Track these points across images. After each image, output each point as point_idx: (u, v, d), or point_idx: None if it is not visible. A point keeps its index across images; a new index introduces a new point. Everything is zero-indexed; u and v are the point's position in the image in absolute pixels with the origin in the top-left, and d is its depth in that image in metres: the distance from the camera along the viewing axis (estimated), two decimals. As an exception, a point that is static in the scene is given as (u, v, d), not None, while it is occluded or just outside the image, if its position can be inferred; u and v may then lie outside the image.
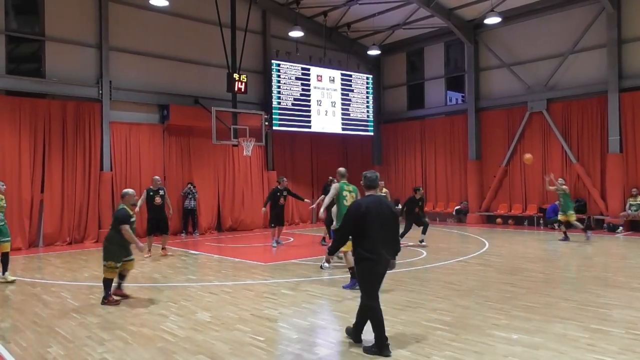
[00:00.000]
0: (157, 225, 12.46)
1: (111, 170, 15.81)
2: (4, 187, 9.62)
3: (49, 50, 14.98)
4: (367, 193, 5.66)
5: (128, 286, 8.87)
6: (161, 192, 12.50)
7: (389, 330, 6.00)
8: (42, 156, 14.59)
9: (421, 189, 14.56)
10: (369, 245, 5.30)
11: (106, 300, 7.51)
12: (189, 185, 16.98)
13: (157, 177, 13.00)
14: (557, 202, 17.17)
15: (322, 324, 6.47)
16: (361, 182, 5.79)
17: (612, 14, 16.20)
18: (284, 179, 14.43)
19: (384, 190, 14.53)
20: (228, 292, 8.27)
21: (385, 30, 21.36)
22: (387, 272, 5.52)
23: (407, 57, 22.88)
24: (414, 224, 13.88)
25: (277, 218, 13.99)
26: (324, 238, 13.82)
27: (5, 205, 9.44)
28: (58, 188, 14.79)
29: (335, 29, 21.60)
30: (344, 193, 8.62)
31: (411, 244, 14.00)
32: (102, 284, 7.68)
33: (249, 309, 7.10)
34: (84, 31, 15.58)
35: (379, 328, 5.22)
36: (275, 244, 13.93)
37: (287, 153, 20.65)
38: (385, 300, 7.52)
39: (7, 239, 9.34)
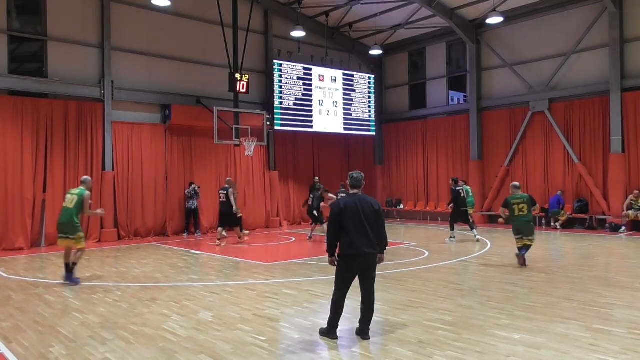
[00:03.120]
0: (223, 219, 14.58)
1: (113, 170, 15.83)
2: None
3: (51, 50, 15.00)
4: (351, 192, 5.93)
5: (130, 286, 8.89)
6: (222, 191, 14.59)
7: (391, 330, 6.02)
8: (44, 156, 14.61)
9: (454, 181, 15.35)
10: (347, 241, 5.63)
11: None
12: (193, 186, 16.99)
13: (228, 178, 15.69)
14: (558, 193, 17.12)
15: (324, 324, 6.45)
16: (347, 180, 6.04)
17: (614, 13, 16.17)
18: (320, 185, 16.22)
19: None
20: (230, 291, 8.28)
21: (387, 30, 21.36)
22: (380, 266, 5.88)
23: (409, 57, 22.87)
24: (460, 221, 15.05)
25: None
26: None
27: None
28: (60, 188, 14.78)
29: (337, 28, 21.59)
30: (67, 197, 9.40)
31: (413, 243, 13.99)
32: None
33: (250, 309, 7.10)
34: (86, 31, 15.61)
35: (336, 315, 5.73)
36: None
37: (289, 153, 20.66)
38: (387, 300, 7.53)
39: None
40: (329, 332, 5.77)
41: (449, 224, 14.84)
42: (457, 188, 14.85)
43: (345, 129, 21.40)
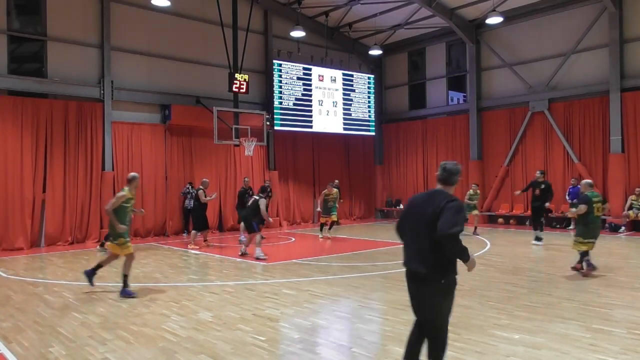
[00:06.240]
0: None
1: (113, 170, 15.83)
2: None
3: (51, 50, 15.00)
4: (438, 186, 4.27)
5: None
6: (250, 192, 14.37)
7: (390, 330, 6.00)
8: (44, 156, 14.61)
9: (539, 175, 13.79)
10: (404, 252, 4.26)
11: (574, 267, 9.39)
12: (188, 185, 16.97)
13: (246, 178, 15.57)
14: (573, 181, 16.82)
15: (324, 324, 6.46)
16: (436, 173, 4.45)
17: (613, 13, 16.18)
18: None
19: (334, 190, 15.68)
20: (230, 292, 8.27)
21: (387, 30, 21.35)
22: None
23: (408, 57, 22.86)
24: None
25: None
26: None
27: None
28: (60, 188, 14.81)
29: (336, 28, 21.59)
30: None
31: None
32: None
33: (250, 309, 7.09)
34: (85, 31, 15.61)
35: (405, 354, 4.38)
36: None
37: (289, 153, 20.64)
38: (387, 300, 7.53)
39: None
40: None
41: (536, 224, 13.68)
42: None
43: (345, 129, 21.39)
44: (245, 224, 12.47)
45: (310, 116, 20.26)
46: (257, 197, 11.99)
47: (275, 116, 19.16)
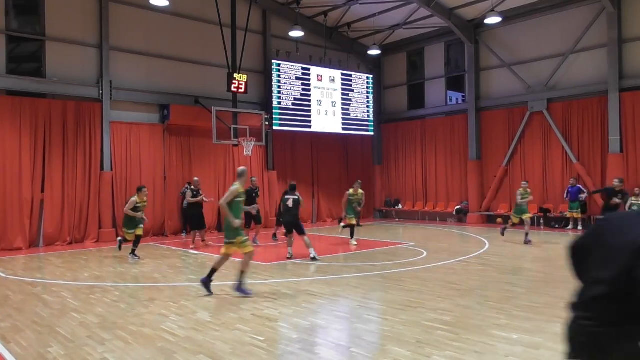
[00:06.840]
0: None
1: (111, 170, 15.82)
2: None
3: (49, 50, 14.99)
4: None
5: (128, 286, 8.87)
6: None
7: (389, 330, 6.00)
8: (42, 156, 14.60)
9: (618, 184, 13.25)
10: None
11: None
12: (187, 185, 16.94)
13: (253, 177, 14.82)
14: (572, 181, 16.76)
15: (323, 324, 6.46)
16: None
17: (612, 13, 16.19)
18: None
19: (360, 191, 14.35)
20: (228, 292, 8.26)
21: (386, 30, 21.36)
22: None
23: (407, 57, 22.87)
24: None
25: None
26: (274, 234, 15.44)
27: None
28: (58, 188, 14.80)
29: (335, 28, 21.59)
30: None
31: (412, 243, 13.99)
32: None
33: (249, 309, 7.09)
34: (84, 31, 15.59)
35: None
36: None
37: (288, 153, 20.64)
38: (386, 300, 7.53)
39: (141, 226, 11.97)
40: None
41: None
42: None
43: (343, 129, 21.40)
44: (296, 228, 11.68)
45: (309, 116, 20.27)
46: (295, 197, 11.70)
47: (274, 116, 19.16)
